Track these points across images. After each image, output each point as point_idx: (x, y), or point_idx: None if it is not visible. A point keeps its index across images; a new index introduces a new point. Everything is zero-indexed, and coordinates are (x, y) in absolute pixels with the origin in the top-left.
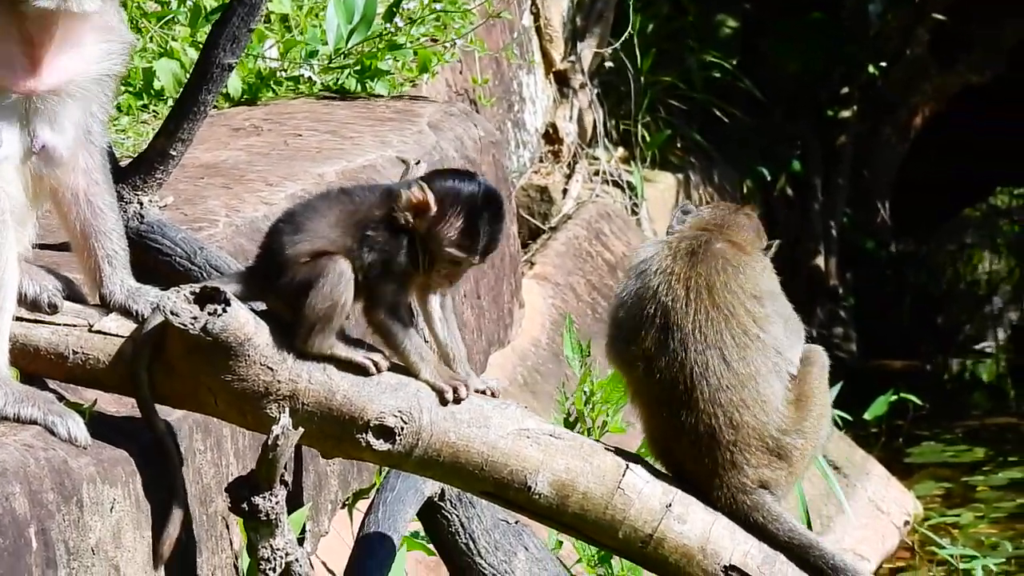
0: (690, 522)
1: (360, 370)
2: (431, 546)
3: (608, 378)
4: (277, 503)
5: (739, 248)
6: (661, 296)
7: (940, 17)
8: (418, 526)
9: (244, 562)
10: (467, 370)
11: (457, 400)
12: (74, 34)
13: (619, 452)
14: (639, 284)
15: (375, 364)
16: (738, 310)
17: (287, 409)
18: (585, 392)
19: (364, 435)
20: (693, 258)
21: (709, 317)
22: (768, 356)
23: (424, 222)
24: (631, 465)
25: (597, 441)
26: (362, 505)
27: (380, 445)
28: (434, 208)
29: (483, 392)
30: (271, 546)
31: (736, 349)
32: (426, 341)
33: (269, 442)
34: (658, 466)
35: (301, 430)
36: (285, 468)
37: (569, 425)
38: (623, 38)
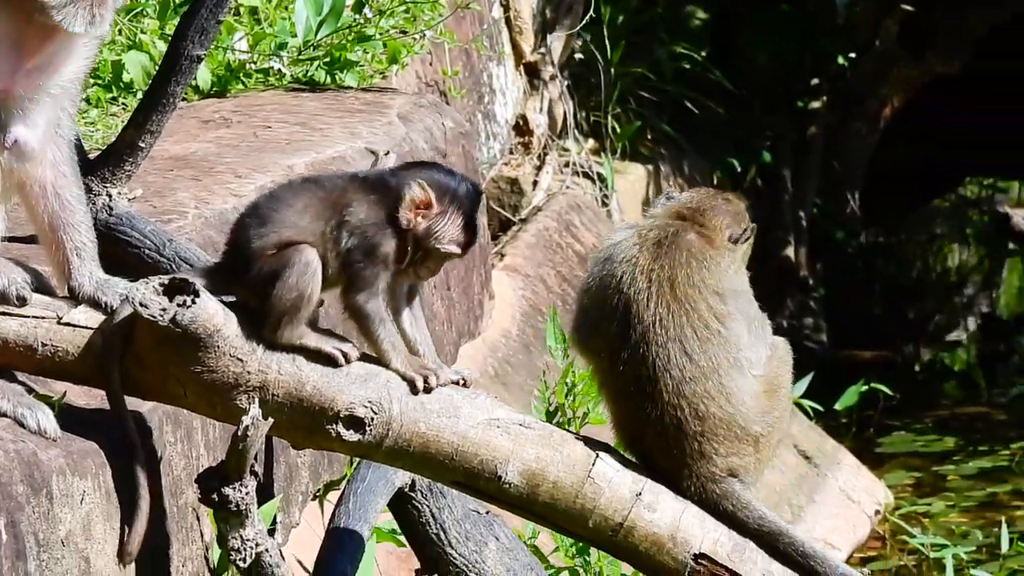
0: (660, 511)
1: (329, 361)
2: (402, 537)
3: (589, 370)
4: (247, 494)
5: (707, 241)
6: (624, 287)
7: (908, 8)
8: (389, 517)
9: (215, 553)
10: (437, 361)
11: (428, 389)
12: (70, 45)
13: (589, 441)
14: (604, 271)
15: (344, 355)
16: (699, 305)
17: (256, 400)
18: (567, 383)
19: (334, 426)
20: (658, 249)
21: (670, 310)
22: (729, 351)
23: (426, 221)
24: (601, 454)
25: (569, 431)
26: (333, 496)
27: (350, 436)
28: (436, 207)
29: (456, 382)
30: (241, 537)
31: (697, 343)
32: None
33: (239, 433)
34: (628, 456)
35: (271, 420)
36: (255, 459)
37: (550, 416)
38: (587, 23)
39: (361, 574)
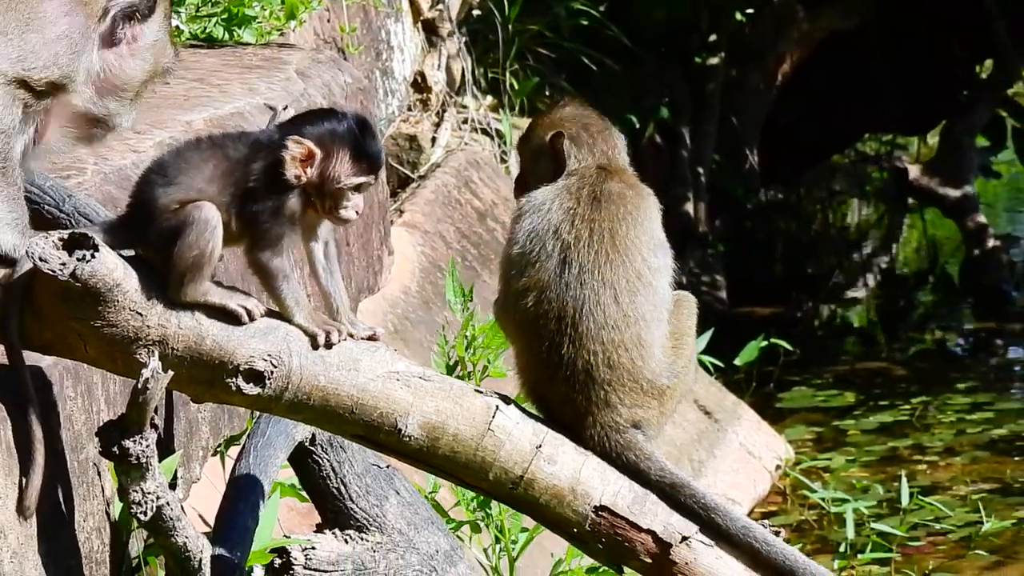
0: (560, 463)
1: (233, 318)
2: (303, 492)
3: (489, 323)
4: (147, 447)
5: (633, 189)
6: (563, 234)
7: None
8: (291, 473)
9: (116, 508)
10: (351, 318)
11: (329, 345)
12: None
13: (489, 394)
14: (538, 221)
15: (248, 312)
16: (635, 257)
17: (156, 353)
18: (467, 337)
19: (234, 379)
20: (596, 203)
21: (609, 258)
22: (656, 305)
23: (315, 169)
24: (501, 406)
25: (468, 384)
26: (233, 452)
27: (250, 389)
28: (319, 153)
29: (369, 339)
30: (142, 490)
31: (627, 293)
32: (308, 291)
33: (139, 385)
34: (531, 408)
35: (171, 373)
36: (155, 412)
37: (450, 369)
38: None
39: (263, 528)
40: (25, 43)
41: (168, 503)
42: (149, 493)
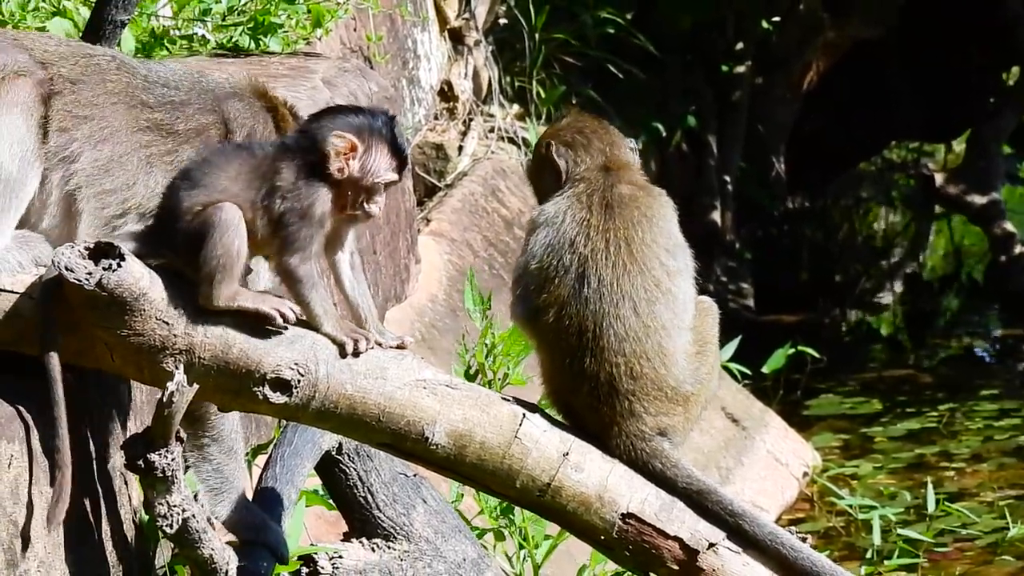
0: (587, 470)
1: (267, 320)
2: (331, 501)
3: (509, 331)
4: (173, 459)
5: (643, 190)
6: (579, 247)
7: None
8: (319, 482)
9: (143, 517)
10: (379, 327)
11: (356, 353)
12: None
13: (516, 402)
14: (553, 235)
15: (282, 315)
16: (653, 263)
17: (182, 365)
18: (487, 344)
19: (261, 388)
20: (609, 211)
21: (627, 270)
22: (675, 312)
23: (356, 163)
24: (528, 414)
25: (495, 391)
26: (261, 460)
27: (277, 398)
28: (360, 147)
29: (397, 348)
30: (168, 503)
31: (646, 303)
32: (335, 301)
33: (164, 398)
34: (558, 417)
35: (196, 386)
36: (181, 424)
37: (470, 377)
38: None
39: (290, 537)
40: None
41: (194, 515)
42: (175, 506)
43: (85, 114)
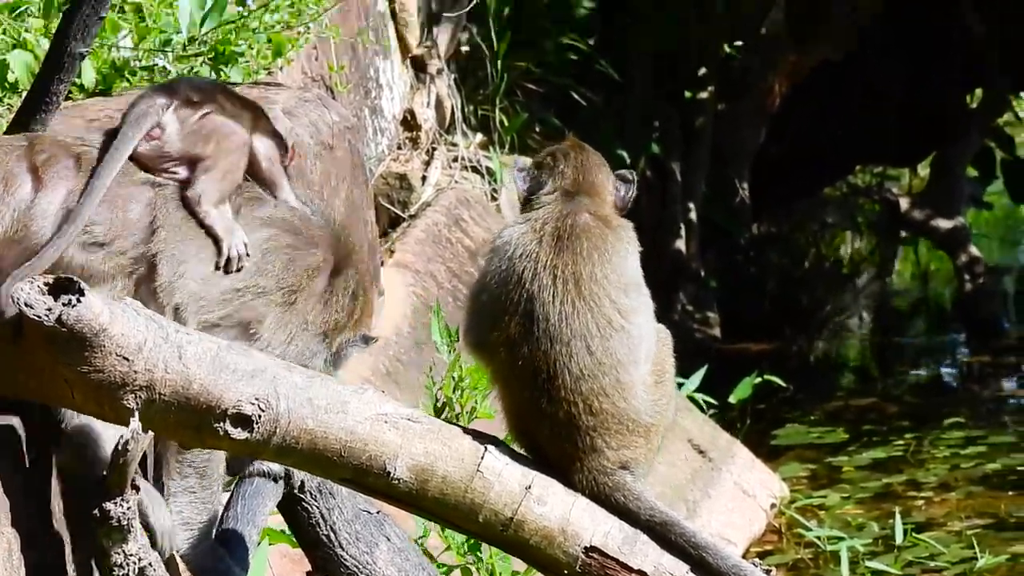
0: (550, 504)
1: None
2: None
3: (476, 364)
4: (128, 508)
5: (603, 221)
6: (527, 283)
7: None
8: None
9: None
10: None
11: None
12: None
13: (477, 435)
14: (504, 267)
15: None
16: (604, 302)
17: (137, 414)
18: (454, 378)
19: (222, 424)
20: (559, 243)
21: (575, 308)
22: (632, 346)
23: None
24: (490, 448)
25: (458, 425)
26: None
27: (238, 434)
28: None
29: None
30: (124, 551)
31: (600, 340)
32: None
33: (119, 446)
34: (520, 449)
35: (151, 434)
36: (136, 473)
37: (438, 411)
38: (473, 15)
39: None
40: None
41: (151, 564)
42: (131, 555)
43: None
